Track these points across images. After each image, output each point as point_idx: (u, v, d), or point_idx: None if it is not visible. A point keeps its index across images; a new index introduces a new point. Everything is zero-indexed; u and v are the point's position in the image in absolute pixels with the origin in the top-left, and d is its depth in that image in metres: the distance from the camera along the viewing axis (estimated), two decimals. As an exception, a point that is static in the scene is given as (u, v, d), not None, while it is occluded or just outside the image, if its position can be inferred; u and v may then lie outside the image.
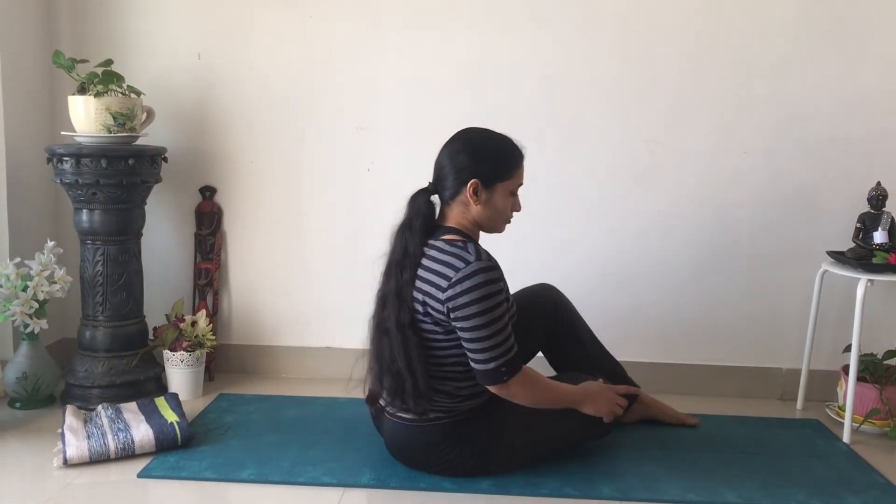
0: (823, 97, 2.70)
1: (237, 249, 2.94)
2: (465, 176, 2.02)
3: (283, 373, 2.96)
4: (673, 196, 2.78)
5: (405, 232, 2.04)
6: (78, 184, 2.50)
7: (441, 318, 1.98)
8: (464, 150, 2.04)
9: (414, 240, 2.02)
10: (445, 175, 2.05)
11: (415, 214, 2.04)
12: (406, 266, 2.01)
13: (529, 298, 2.36)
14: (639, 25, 2.72)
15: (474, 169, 2.03)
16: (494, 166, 2.05)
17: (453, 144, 2.07)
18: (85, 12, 2.85)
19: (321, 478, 2.10)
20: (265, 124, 2.86)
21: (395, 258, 2.04)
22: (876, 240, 2.53)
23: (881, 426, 2.51)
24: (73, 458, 2.13)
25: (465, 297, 1.93)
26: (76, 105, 2.53)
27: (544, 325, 2.37)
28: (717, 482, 2.14)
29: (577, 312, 2.42)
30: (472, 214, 2.06)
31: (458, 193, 2.04)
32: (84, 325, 2.64)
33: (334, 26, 2.79)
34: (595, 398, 2.14)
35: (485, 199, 2.04)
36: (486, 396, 2.08)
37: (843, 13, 2.67)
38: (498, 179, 2.05)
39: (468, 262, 1.95)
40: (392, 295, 2.03)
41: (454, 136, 2.09)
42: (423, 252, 2.02)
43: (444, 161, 2.06)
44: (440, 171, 2.07)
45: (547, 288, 2.42)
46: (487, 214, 2.06)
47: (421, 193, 2.07)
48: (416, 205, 2.06)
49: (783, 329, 2.81)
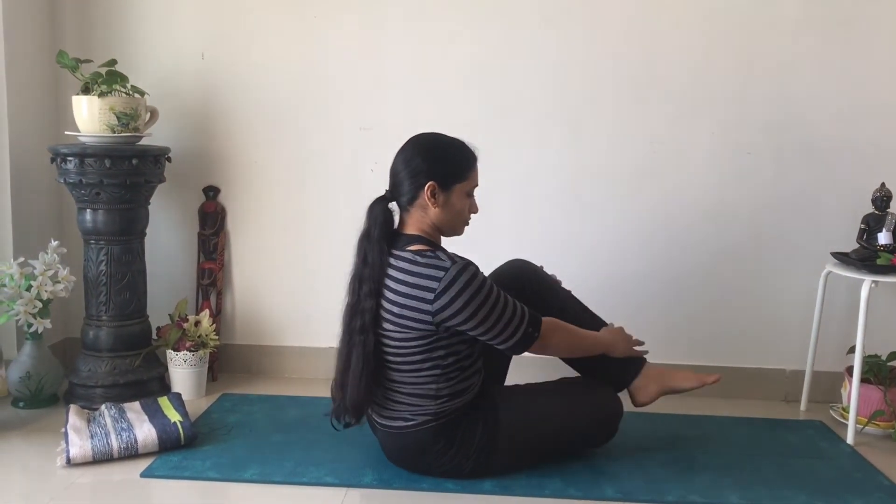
0: (828, 98, 2.70)
1: (240, 249, 2.94)
2: (421, 179, 2.03)
3: (286, 373, 2.96)
4: (676, 196, 2.78)
5: (364, 241, 2.05)
6: (82, 183, 2.51)
7: (423, 328, 1.98)
8: (418, 154, 2.05)
9: (373, 249, 2.03)
10: (401, 181, 2.05)
11: (373, 223, 2.05)
12: (366, 277, 2.02)
13: (510, 278, 2.28)
14: (643, 25, 2.72)
15: (430, 171, 2.03)
16: (449, 168, 2.06)
17: (406, 150, 2.08)
18: (89, 12, 2.85)
19: (324, 478, 2.11)
20: (269, 124, 2.86)
21: (356, 270, 2.06)
22: (880, 241, 2.52)
23: (885, 428, 2.50)
24: (77, 458, 2.13)
25: (457, 302, 1.94)
26: (80, 105, 2.53)
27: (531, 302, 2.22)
28: (721, 483, 2.13)
29: (550, 281, 2.36)
30: (430, 218, 2.06)
31: (415, 198, 2.05)
32: (87, 324, 2.64)
33: (338, 26, 2.79)
34: (618, 342, 2.25)
35: (442, 202, 2.05)
36: (472, 393, 2.08)
37: (847, 14, 2.66)
38: (454, 181, 2.06)
39: (446, 269, 1.96)
40: (349, 307, 2.06)
41: (406, 143, 2.10)
42: (390, 263, 2.02)
43: (399, 167, 2.06)
44: (395, 177, 2.07)
45: (522, 265, 2.35)
46: (446, 217, 2.07)
47: (378, 202, 2.08)
48: (373, 214, 2.06)
49: (787, 330, 2.81)
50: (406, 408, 2.06)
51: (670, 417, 2.60)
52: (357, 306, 2.04)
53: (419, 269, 1.98)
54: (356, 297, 2.05)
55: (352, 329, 2.04)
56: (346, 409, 2.06)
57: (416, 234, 2.06)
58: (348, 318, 2.07)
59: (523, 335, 2.03)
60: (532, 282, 2.28)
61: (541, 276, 2.33)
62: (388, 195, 2.09)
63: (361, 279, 2.04)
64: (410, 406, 2.06)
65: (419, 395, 2.05)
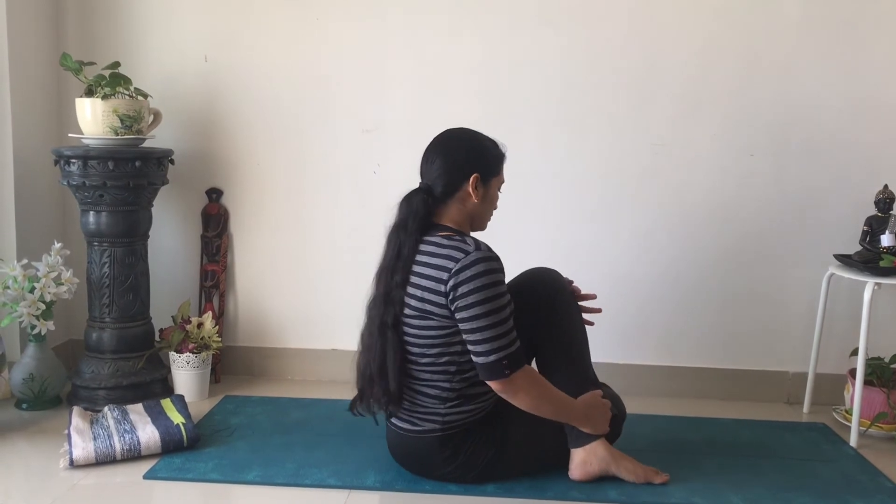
0: (830, 99, 2.70)
1: (243, 251, 2.94)
2: (466, 170, 2.04)
3: (289, 375, 2.96)
4: (679, 198, 2.78)
5: (400, 233, 2.03)
6: (85, 186, 2.51)
7: (442, 313, 1.97)
8: (461, 148, 2.06)
9: (409, 240, 2.01)
10: (442, 173, 2.04)
11: (411, 214, 2.02)
12: (398, 269, 2.00)
13: (529, 287, 2.17)
14: (644, 27, 2.72)
15: (474, 164, 2.05)
16: (489, 161, 2.09)
17: (444, 143, 2.08)
18: (92, 15, 2.86)
19: (326, 480, 2.11)
20: (271, 126, 2.86)
21: (387, 261, 2.03)
22: (883, 243, 2.52)
23: (888, 430, 2.50)
24: (80, 460, 2.14)
25: (467, 285, 1.92)
26: (83, 107, 2.54)
27: (539, 321, 2.14)
28: (724, 486, 2.13)
29: (570, 305, 2.19)
30: (468, 210, 2.07)
31: (456, 190, 2.04)
32: (90, 326, 2.65)
33: (340, 28, 2.79)
34: (590, 418, 2.08)
35: (482, 194, 2.06)
36: (482, 404, 2.06)
37: (849, 15, 2.66)
38: (492, 175, 2.09)
39: (468, 252, 1.95)
40: (380, 298, 2.03)
41: (442, 137, 2.10)
42: (419, 250, 2.01)
43: (437, 160, 2.05)
44: (433, 170, 2.05)
45: (548, 277, 2.19)
46: (483, 209, 2.10)
47: (416, 193, 2.05)
48: (411, 205, 2.03)
49: (790, 332, 2.80)
50: (417, 408, 2.05)
51: (672, 420, 2.60)
52: (388, 297, 2.01)
53: (443, 251, 1.97)
54: (387, 288, 2.01)
55: (384, 322, 2.01)
56: (383, 401, 2.02)
57: (449, 224, 2.06)
58: (380, 311, 2.02)
59: (495, 362, 1.93)
60: (550, 298, 2.14)
61: (561, 298, 2.15)
62: (424, 187, 2.06)
63: (393, 270, 2.01)
64: (420, 406, 2.05)
65: (431, 396, 2.03)
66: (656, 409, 2.68)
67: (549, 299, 2.13)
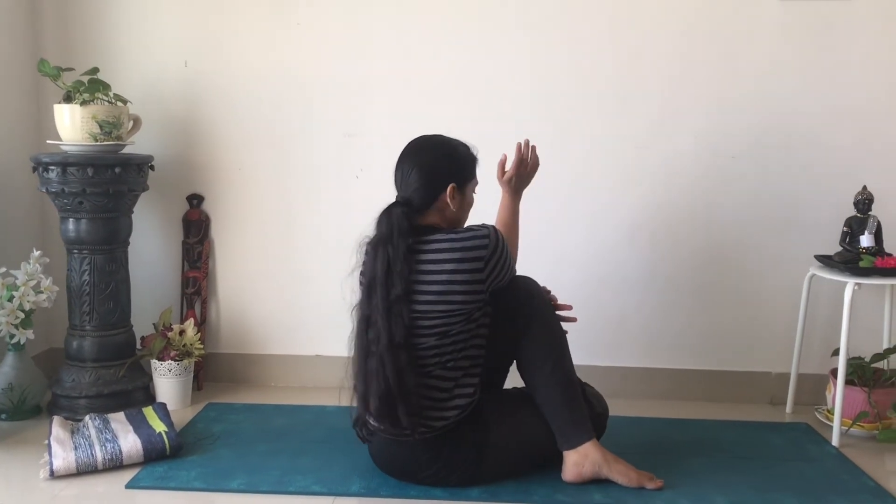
0: (809, 102, 2.72)
1: (225, 258, 2.93)
2: (442, 182, 2.06)
3: (272, 381, 2.94)
4: (661, 200, 2.79)
5: (385, 247, 2.00)
6: (64, 193, 2.49)
7: (471, 300, 2.01)
8: (433, 158, 2.08)
9: (398, 254, 1.99)
10: (419, 187, 2.05)
11: (393, 228, 2.00)
12: (395, 282, 1.98)
13: (511, 297, 2.12)
14: (625, 31, 2.73)
15: (448, 173, 2.07)
16: (462, 167, 2.11)
17: (417, 155, 2.08)
18: (71, 20, 2.84)
19: (311, 487, 2.09)
20: (253, 132, 2.85)
21: (376, 275, 2.00)
22: (863, 243, 2.54)
23: (870, 429, 2.52)
24: (60, 470, 2.11)
25: (502, 259, 2.04)
26: (62, 114, 2.52)
27: (519, 331, 2.12)
28: (708, 487, 2.14)
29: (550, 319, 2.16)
30: (447, 218, 2.09)
31: (435, 200, 2.06)
32: (71, 334, 2.62)
33: (321, 33, 2.79)
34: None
35: (459, 201, 2.09)
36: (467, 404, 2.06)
37: (827, 19, 2.68)
38: (467, 181, 2.13)
39: (487, 236, 2.01)
40: (380, 314, 1.99)
41: (412, 147, 2.10)
42: (419, 249, 2.00)
43: (412, 172, 2.06)
44: (410, 183, 2.06)
45: (528, 287, 2.16)
46: (461, 214, 2.13)
47: (395, 207, 2.04)
48: (390, 219, 2.01)
49: (772, 333, 2.82)
50: None
51: (656, 422, 2.61)
52: (390, 312, 1.97)
53: (462, 244, 2.00)
54: (387, 303, 1.97)
55: (392, 341, 1.96)
56: (404, 414, 1.98)
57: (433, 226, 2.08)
58: (386, 328, 1.97)
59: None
60: (528, 306, 2.12)
61: (539, 305, 2.14)
62: (402, 200, 2.06)
63: (389, 284, 1.98)
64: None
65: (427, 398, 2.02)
66: (640, 411, 2.69)
67: (527, 307, 2.12)
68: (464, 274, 1.99)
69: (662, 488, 2.10)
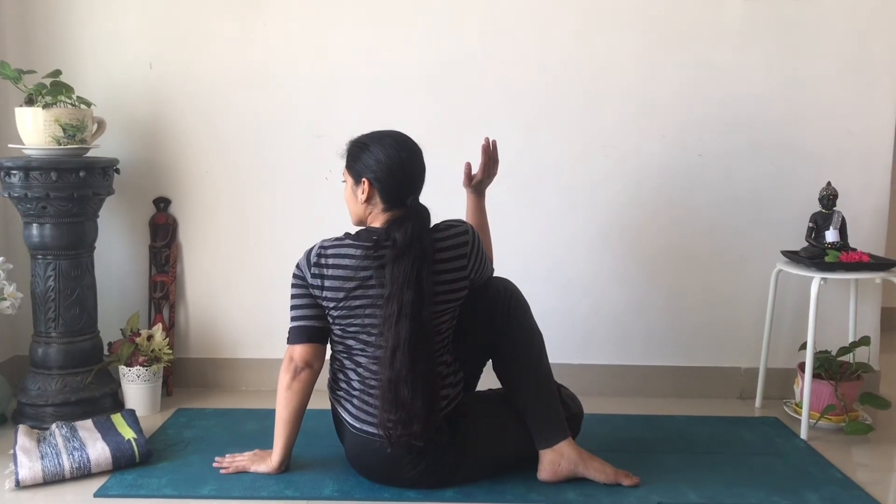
0: (774, 100, 2.76)
1: (193, 261, 2.89)
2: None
3: (243, 386, 2.92)
4: (630, 199, 2.81)
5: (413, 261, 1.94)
6: (27, 197, 2.45)
7: (459, 297, 2.06)
8: (419, 152, 2.09)
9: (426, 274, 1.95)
10: (420, 183, 2.08)
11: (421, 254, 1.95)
12: (424, 302, 1.93)
13: (491, 300, 2.14)
14: (593, 32, 2.74)
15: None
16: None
17: (413, 150, 2.06)
18: (32, 22, 2.79)
19: (283, 491, 2.08)
20: (220, 134, 2.82)
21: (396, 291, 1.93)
22: (828, 238, 2.58)
23: (837, 422, 2.56)
24: (26, 480, 2.08)
25: (480, 253, 2.09)
26: (24, 117, 2.47)
27: (493, 330, 2.14)
28: (680, 482, 2.15)
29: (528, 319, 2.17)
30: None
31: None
32: (36, 341, 2.58)
33: (289, 34, 2.77)
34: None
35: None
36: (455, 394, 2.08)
37: (790, 19, 2.72)
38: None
39: (467, 231, 2.06)
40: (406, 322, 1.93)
41: (404, 143, 2.07)
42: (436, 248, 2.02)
43: (418, 168, 2.07)
44: (418, 178, 2.07)
45: (508, 289, 2.17)
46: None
47: (406, 220, 1.98)
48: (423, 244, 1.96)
49: (741, 329, 2.85)
50: None
51: (628, 418, 2.63)
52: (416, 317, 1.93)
53: (451, 241, 2.03)
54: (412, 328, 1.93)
55: (413, 345, 1.93)
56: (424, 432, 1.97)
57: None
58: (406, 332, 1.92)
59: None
60: (506, 306, 2.12)
61: (517, 306, 2.14)
62: (412, 202, 2.03)
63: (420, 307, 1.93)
64: None
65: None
66: (611, 408, 2.71)
67: (505, 307, 2.13)
68: (453, 272, 2.02)
69: (638, 485, 2.11)
